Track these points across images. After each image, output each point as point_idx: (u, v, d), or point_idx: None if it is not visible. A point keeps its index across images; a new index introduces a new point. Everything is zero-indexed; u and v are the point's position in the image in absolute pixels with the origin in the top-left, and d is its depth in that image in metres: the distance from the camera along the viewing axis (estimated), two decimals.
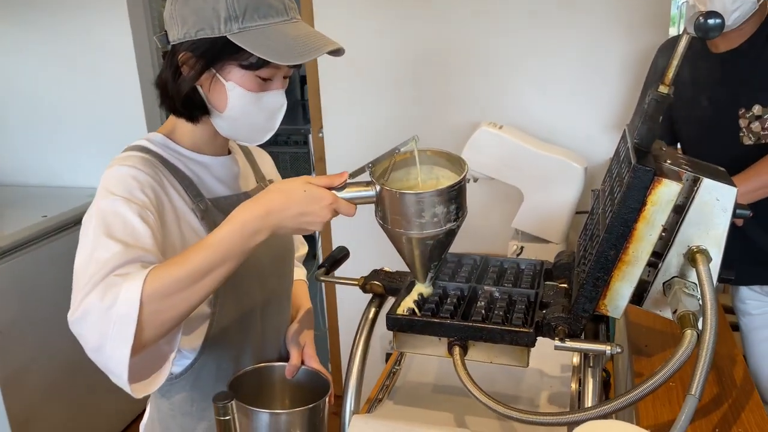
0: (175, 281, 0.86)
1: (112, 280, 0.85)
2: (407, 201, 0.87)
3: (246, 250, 0.89)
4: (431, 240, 0.89)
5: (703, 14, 0.71)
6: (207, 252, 0.87)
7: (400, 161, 0.96)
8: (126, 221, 0.92)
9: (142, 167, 1.00)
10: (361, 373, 0.97)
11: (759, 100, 1.51)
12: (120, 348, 0.83)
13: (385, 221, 0.91)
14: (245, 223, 0.88)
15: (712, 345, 0.72)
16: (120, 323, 0.83)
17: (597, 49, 2.08)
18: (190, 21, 0.97)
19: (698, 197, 0.82)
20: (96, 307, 0.84)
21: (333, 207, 0.91)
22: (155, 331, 0.86)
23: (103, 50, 2.54)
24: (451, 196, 0.87)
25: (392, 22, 2.27)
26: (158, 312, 0.85)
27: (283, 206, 0.89)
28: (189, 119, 1.05)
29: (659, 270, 0.87)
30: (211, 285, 0.89)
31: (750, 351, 1.82)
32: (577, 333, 0.86)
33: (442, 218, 0.87)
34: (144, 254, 0.91)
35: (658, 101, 0.83)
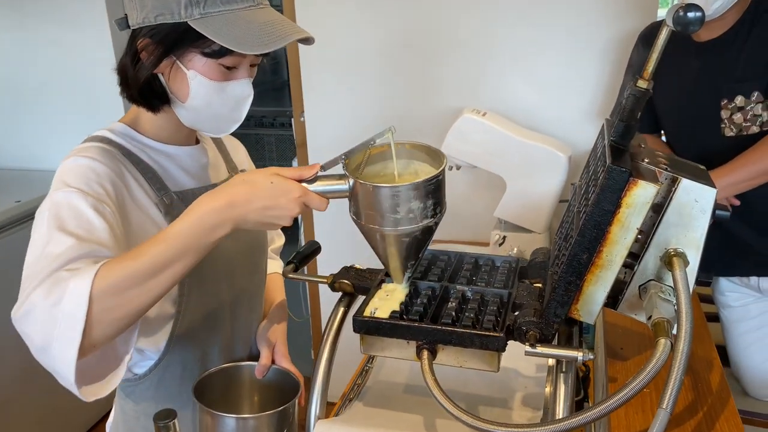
0: (128, 277, 0.80)
1: (60, 275, 0.80)
2: (381, 195, 0.83)
3: (206, 245, 0.84)
4: (407, 237, 0.85)
5: (683, 7, 0.67)
6: (162, 246, 0.82)
7: (377, 154, 0.92)
8: (80, 214, 0.87)
9: (101, 158, 0.95)
10: (326, 378, 0.94)
11: (741, 90, 1.48)
12: (66, 349, 0.78)
13: (359, 217, 0.87)
14: (204, 216, 0.83)
15: (686, 356, 0.69)
16: (66, 322, 0.77)
17: (582, 35, 2.03)
18: (149, 5, 0.91)
19: (676, 198, 0.78)
20: (40, 304, 0.78)
21: (302, 200, 0.85)
22: (106, 331, 0.81)
23: (79, 31, 2.47)
24: (427, 190, 0.83)
25: (376, 5, 2.21)
26: (109, 310, 0.80)
27: (247, 199, 0.84)
28: (149, 109, 1.00)
29: (635, 272, 0.84)
30: (168, 281, 0.83)
31: (731, 343, 1.81)
32: (548, 338, 0.83)
33: (418, 214, 0.83)
34: (98, 248, 0.86)
35: (636, 97, 0.79)
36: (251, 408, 1.12)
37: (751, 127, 1.51)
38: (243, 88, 0.99)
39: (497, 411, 1.01)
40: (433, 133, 2.11)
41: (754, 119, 1.50)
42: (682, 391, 0.88)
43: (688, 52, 1.57)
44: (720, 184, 1.49)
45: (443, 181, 0.86)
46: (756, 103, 1.48)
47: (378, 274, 1.01)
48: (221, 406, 1.01)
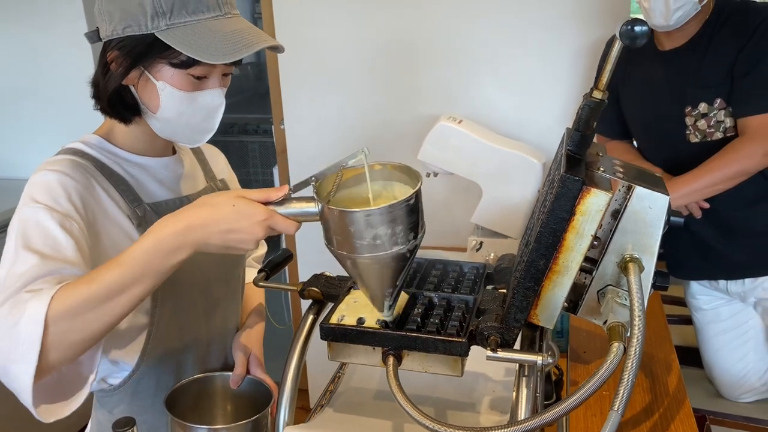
0: (84, 300, 0.80)
1: (21, 296, 0.81)
2: (348, 220, 0.79)
3: (164, 269, 0.83)
4: (376, 264, 0.81)
5: (630, 21, 0.69)
6: (119, 270, 0.82)
7: (351, 178, 0.88)
8: (46, 231, 0.88)
9: (70, 172, 0.95)
10: (295, 384, 0.95)
11: (704, 98, 1.52)
12: (23, 370, 0.79)
13: (330, 243, 0.83)
14: (161, 240, 0.82)
15: (638, 359, 0.70)
16: (23, 344, 0.78)
17: (556, 41, 2.06)
18: (116, 17, 0.93)
19: (630, 205, 0.81)
20: (1, 324, 0.79)
21: (267, 224, 0.83)
22: (63, 353, 0.81)
23: (56, 39, 2.47)
24: (394, 216, 0.78)
25: (355, 14, 2.23)
26: (65, 333, 0.80)
27: (207, 221, 0.83)
28: (121, 120, 1.01)
29: (593, 277, 0.86)
30: (125, 305, 0.83)
31: (704, 345, 1.85)
32: (510, 342, 0.85)
33: (386, 240, 0.79)
34: (63, 266, 0.86)
35: (591, 107, 0.81)
36: (224, 418, 1.13)
37: (715, 133, 1.54)
38: (214, 97, 0.99)
39: (465, 415, 1.02)
40: (411, 140, 2.13)
41: (718, 125, 1.53)
42: (640, 393, 0.91)
43: (653, 60, 1.61)
44: (687, 189, 1.52)
45: (417, 206, 0.81)
46: (719, 110, 1.52)
47: (348, 282, 1.03)
48: (194, 416, 1.02)
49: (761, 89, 1.46)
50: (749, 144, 1.47)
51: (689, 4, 1.43)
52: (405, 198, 0.79)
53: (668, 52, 1.58)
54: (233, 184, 1.28)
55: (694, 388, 1.89)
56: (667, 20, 1.45)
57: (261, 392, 1.08)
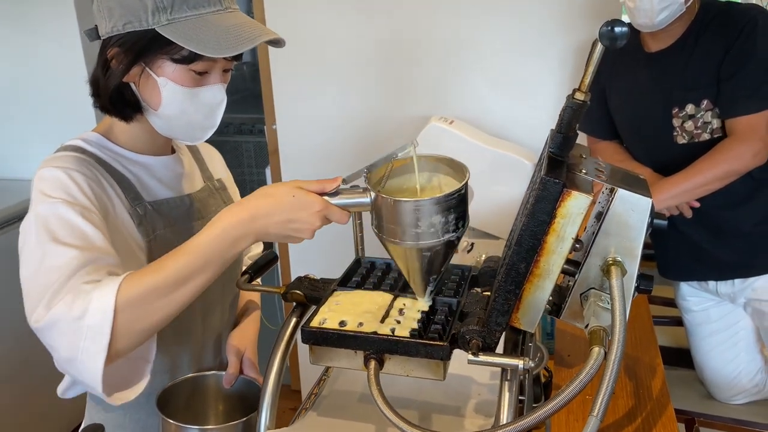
0: (151, 289, 0.83)
1: (81, 287, 0.81)
2: (403, 209, 0.81)
3: (228, 257, 0.86)
4: (428, 251, 0.84)
5: (609, 23, 0.68)
6: (185, 258, 0.84)
7: (399, 167, 0.91)
8: (70, 224, 0.88)
9: (77, 167, 0.95)
10: (276, 387, 0.94)
11: (691, 99, 1.51)
12: (93, 360, 0.81)
13: (381, 231, 0.85)
14: (226, 229, 0.85)
15: (618, 364, 0.70)
16: (92, 335, 0.80)
17: (548, 43, 2.06)
18: (116, 13, 0.92)
19: (613, 208, 0.80)
20: (64, 316, 0.80)
21: (323, 214, 0.86)
22: (130, 341, 0.84)
23: (49, 39, 2.46)
24: (449, 205, 0.82)
25: (346, 14, 2.22)
26: (133, 321, 0.82)
27: (270, 211, 0.85)
28: (121, 118, 1.00)
29: (576, 281, 0.85)
30: (190, 293, 0.85)
31: (694, 346, 1.84)
32: (491, 346, 0.84)
33: (439, 228, 0.82)
34: (100, 256, 0.87)
35: (573, 109, 0.80)
36: (216, 418, 1.12)
37: (702, 134, 1.54)
38: (215, 93, 0.98)
39: (449, 418, 1.02)
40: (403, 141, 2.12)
41: (705, 127, 1.53)
42: (623, 397, 0.90)
43: (639, 62, 1.61)
44: (677, 190, 1.52)
45: (466, 195, 0.85)
46: (706, 111, 1.51)
47: (331, 284, 1.02)
48: (186, 415, 1.01)
49: (748, 90, 1.46)
50: (738, 144, 1.47)
51: (675, 4, 1.43)
52: (458, 187, 0.83)
53: (654, 54, 1.58)
54: (230, 183, 1.28)
55: (685, 390, 1.89)
56: (652, 20, 1.45)
57: (254, 392, 1.08)
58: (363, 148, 2.30)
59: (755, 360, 1.79)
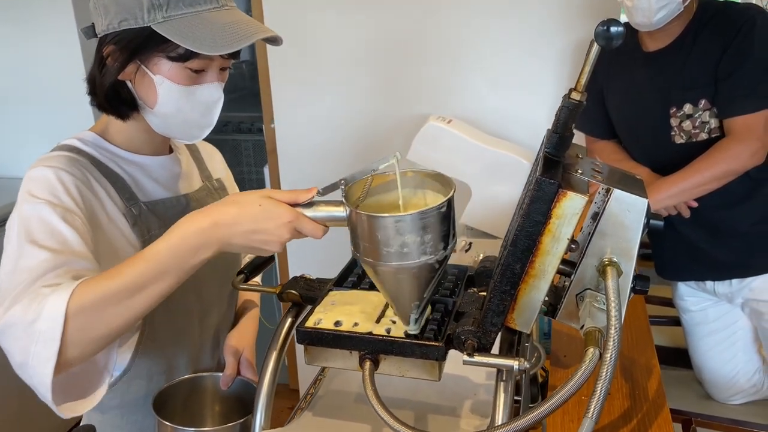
0: (105, 296, 0.79)
1: (40, 291, 0.80)
2: (375, 226, 0.75)
3: (188, 266, 0.82)
4: (402, 274, 0.78)
5: (605, 22, 0.68)
6: (141, 266, 0.81)
7: (382, 183, 0.84)
8: (50, 226, 0.87)
9: (67, 167, 0.94)
10: (271, 388, 0.94)
11: (689, 98, 1.51)
12: (42, 366, 0.78)
13: (356, 249, 0.80)
14: (186, 237, 0.81)
15: (613, 365, 0.70)
16: (43, 340, 0.77)
17: (546, 42, 2.05)
18: (112, 11, 0.92)
19: (608, 208, 0.80)
20: (19, 320, 0.78)
21: (293, 226, 0.81)
22: (83, 350, 0.81)
23: (46, 37, 2.45)
24: (424, 224, 0.74)
25: (345, 13, 2.22)
26: (85, 329, 0.79)
27: (234, 220, 0.81)
28: (117, 116, 1.00)
29: (572, 281, 0.85)
30: (146, 301, 0.82)
31: (692, 346, 1.84)
32: (487, 347, 0.84)
33: (414, 249, 0.75)
34: (73, 259, 0.85)
35: (570, 109, 0.80)
36: (213, 419, 1.12)
37: (700, 134, 1.54)
38: (212, 92, 0.98)
39: (445, 419, 1.01)
40: (401, 140, 2.12)
41: (703, 126, 1.53)
42: (619, 399, 0.90)
43: (637, 61, 1.60)
44: (675, 189, 1.52)
45: (449, 214, 0.77)
46: (703, 111, 1.51)
47: (327, 284, 1.02)
48: (183, 417, 1.01)
49: (746, 89, 1.46)
50: (736, 144, 1.47)
51: (673, 3, 1.43)
52: (437, 205, 0.75)
53: (652, 53, 1.57)
54: (229, 182, 1.27)
55: (683, 390, 1.89)
56: (650, 19, 1.45)
57: (251, 393, 1.07)
58: (361, 146, 2.30)
59: (753, 360, 1.78)
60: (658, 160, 1.61)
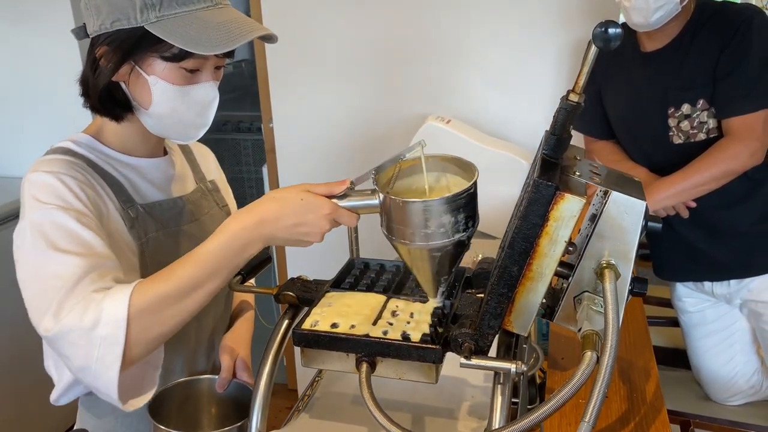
0: (162, 298, 0.83)
1: (91, 296, 0.82)
2: (411, 210, 0.81)
3: (237, 263, 0.87)
4: (438, 252, 0.84)
5: (602, 23, 0.68)
6: (195, 266, 0.84)
7: (407, 168, 0.90)
8: (68, 231, 0.87)
9: (68, 171, 0.93)
10: (267, 390, 0.93)
11: (687, 99, 1.51)
12: (107, 370, 0.81)
13: (390, 232, 0.85)
14: (235, 235, 0.85)
15: (610, 369, 0.69)
16: (106, 344, 0.80)
17: (545, 41, 2.05)
18: (104, 11, 0.91)
19: (606, 210, 0.79)
20: (76, 326, 0.80)
21: (332, 217, 0.86)
22: (143, 349, 0.84)
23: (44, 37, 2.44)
24: (458, 204, 0.81)
25: (344, 12, 2.21)
26: (146, 330, 0.83)
27: (278, 216, 0.85)
28: (111, 118, 0.99)
29: (570, 283, 0.84)
30: (201, 299, 0.86)
31: (691, 347, 1.84)
32: (484, 349, 0.83)
33: (449, 228, 0.81)
34: (102, 261, 0.87)
35: (567, 110, 0.79)
36: (209, 422, 1.11)
37: (698, 134, 1.53)
38: (207, 91, 0.97)
39: (442, 421, 1.01)
40: (400, 140, 2.12)
41: (701, 126, 1.52)
42: (617, 401, 0.89)
43: (635, 62, 1.60)
44: (674, 190, 1.52)
45: (475, 195, 0.85)
46: (702, 111, 1.51)
47: (324, 286, 1.01)
48: (179, 420, 1.00)
49: (744, 89, 1.45)
50: (735, 144, 1.46)
51: (670, 4, 1.42)
52: (467, 186, 0.82)
53: (650, 54, 1.57)
54: (222, 184, 1.26)
55: (681, 391, 1.88)
56: (647, 19, 1.45)
57: (247, 396, 1.06)
58: (360, 146, 2.29)
59: (751, 361, 1.78)
60: (656, 161, 1.61)
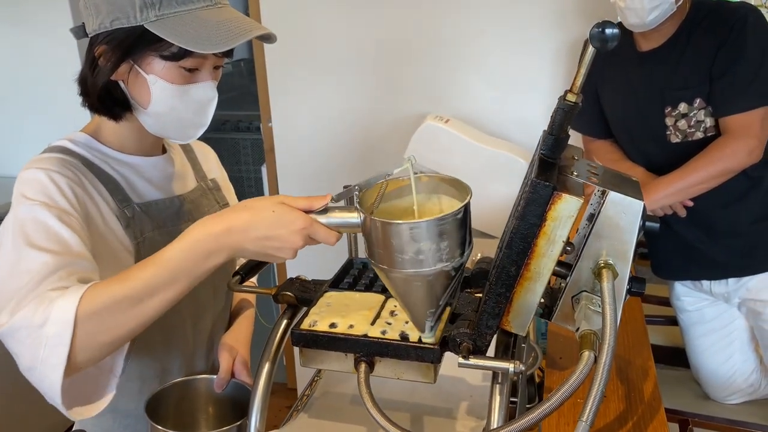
0: (115, 301, 0.79)
1: (46, 294, 0.79)
2: (390, 232, 0.74)
3: (199, 272, 0.82)
4: (418, 281, 0.76)
5: (599, 24, 0.68)
6: (152, 270, 0.80)
7: (397, 189, 0.83)
8: (47, 228, 0.86)
9: (60, 169, 0.93)
10: (266, 391, 0.93)
11: (684, 98, 1.51)
12: (52, 371, 0.78)
13: (372, 256, 0.79)
14: (198, 242, 0.80)
15: (608, 369, 0.69)
16: (51, 345, 0.77)
17: (544, 41, 2.05)
18: (104, 10, 0.91)
19: (604, 210, 0.79)
20: (26, 323, 0.78)
21: (306, 233, 0.81)
22: (92, 354, 0.80)
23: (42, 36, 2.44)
24: (441, 230, 0.73)
25: (342, 12, 2.21)
26: (94, 334, 0.79)
27: (247, 226, 0.80)
28: (111, 117, 0.99)
29: (568, 283, 0.84)
30: (157, 307, 0.82)
31: (689, 346, 1.84)
32: (482, 349, 0.83)
33: (429, 256, 0.74)
34: (74, 260, 0.85)
35: (565, 110, 0.79)
36: (207, 422, 1.11)
37: (696, 133, 1.54)
38: (206, 90, 0.97)
39: (441, 421, 1.01)
40: (398, 139, 2.12)
41: (698, 125, 1.53)
42: (615, 401, 0.90)
43: (632, 61, 1.60)
44: (672, 189, 1.52)
45: (465, 220, 0.76)
46: (698, 110, 1.51)
47: (322, 286, 1.01)
48: (176, 420, 1.00)
49: (741, 88, 1.45)
50: (732, 143, 1.47)
51: (665, 3, 1.42)
52: (453, 211, 0.74)
53: (646, 53, 1.57)
54: (224, 182, 1.26)
55: (680, 390, 1.89)
56: (642, 20, 1.45)
57: (245, 395, 1.06)
58: (358, 146, 2.29)
59: (750, 360, 1.78)
60: (654, 160, 1.61)
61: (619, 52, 1.64)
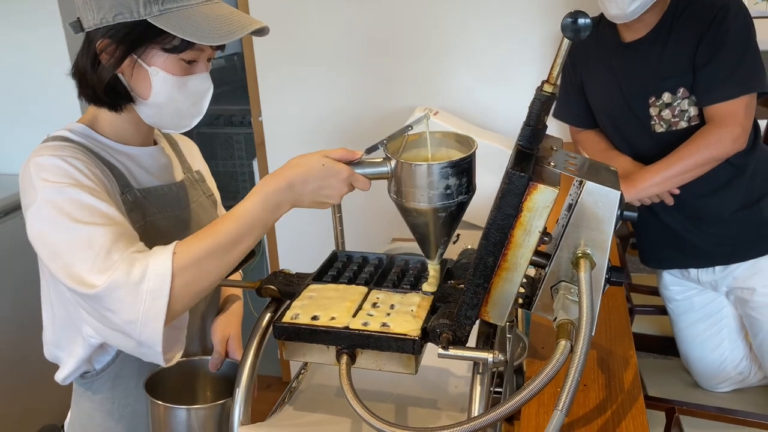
0: (207, 253, 0.88)
1: (133, 256, 0.86)
2: (421, 172, 0.88)
3: (270, 221, 0.93)
4: (443, 212, 0.90)
5: (571, 14, 0.68)
6: (233, 223, 0.90)
7: (411, 142, 0.98)
8: (85, 205, 0.90)
9: (70, 154, 0.96)
10: (250, 383, 0.94)
11: (667, 87, 1.52)
12: (153, 323, 0.85)
13: (399, 195, 0.92)
14: (268, 196, 0.91)
15: (584, 358, 0.70)
16: (151, 299, 0.85)
17: (532, 31, 2.05)
18: (106, 5, 0.93)
19: (581, 200, 0.80)
20: (123, 282, 0.84)
21: (349, 181, 0.93)
22: (186, 303, 0.89)
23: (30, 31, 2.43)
24: (462, 168, 0.89)
25: (330, 4, 2.21)
26: (189, 284, 0.87)
27: (304, 179, 0.92)
28: (112, 108, 1.02)
29: (547, 273, 0.85)
30: (238, 255, 0.92)
31: (679, 335, 1.85)
32: (462, 340, 0.84)
33: (454, 190, 0.89)
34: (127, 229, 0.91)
35: (542, 101, 0.79)
36: (204, 401, 1.13)
37: (680, 122, 1.54)
38: (203, 81, 1.02)
39: (425, 411, 1.02)
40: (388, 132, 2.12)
41: (682, 114, 1.53)
42: (595, 390, 0.90)
43: (615, 52, 1.61)
44: (658, 178, 1.52)
45: (474, 162, 0.93)
46: (682, 99, 1.52)
47: (306, 279, 1.02)
48: (174, 400, 1.02)
49: (724, 76, 1.46)
50: (717, 131, 1.47)
51: None
52: (471, 152, 0.91)
53: (630, 44, 1.57)
54: (207, 175, 1.30)
55: (671, 378, 1.89)
56: (624, 11, 1.45)
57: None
58: (349, 138, 2.29)
59: (739, 348, 1.79)
60: (639, 150, 1.61)
61: (603, 42, 1.65)
